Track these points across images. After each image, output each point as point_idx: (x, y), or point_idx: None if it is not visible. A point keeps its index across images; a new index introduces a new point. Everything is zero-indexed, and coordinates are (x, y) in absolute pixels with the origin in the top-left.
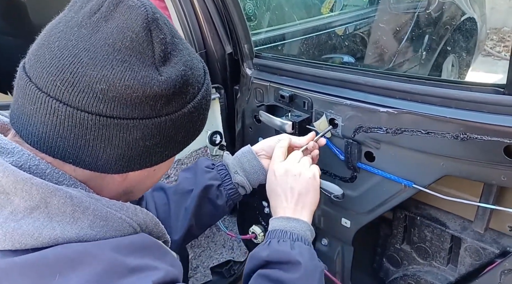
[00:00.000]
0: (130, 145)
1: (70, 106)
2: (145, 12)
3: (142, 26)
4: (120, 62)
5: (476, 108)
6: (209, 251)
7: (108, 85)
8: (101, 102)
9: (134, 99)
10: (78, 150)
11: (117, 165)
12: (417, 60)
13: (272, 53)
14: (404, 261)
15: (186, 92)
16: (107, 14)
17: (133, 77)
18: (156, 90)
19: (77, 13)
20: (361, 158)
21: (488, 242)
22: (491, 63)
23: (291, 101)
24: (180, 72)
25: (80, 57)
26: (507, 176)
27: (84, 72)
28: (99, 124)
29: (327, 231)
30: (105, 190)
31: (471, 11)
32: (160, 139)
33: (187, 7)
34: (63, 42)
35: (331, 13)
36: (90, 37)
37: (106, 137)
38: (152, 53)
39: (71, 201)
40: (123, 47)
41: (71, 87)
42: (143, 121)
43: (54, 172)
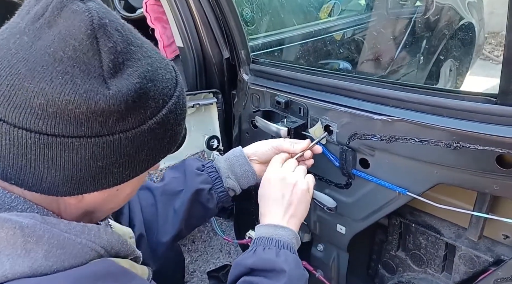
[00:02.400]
0: (79, 166)
1: (7, 122)
2: (90, 17)
3: (86, 34)
4: (61, 74)
5: (469, 117)
6: (206, 256)
7: (47, 100)
8: (40, 119)
9: (78, 115)
10: (19, 171)
11: (65, 187)
12: (415, 65)
13: (269, 58)
14: (399, 268)
15: (146, 106)
16: (50, 19)
17: (74, 91)
18: (103, 105)
19: (22, 18)
20: (356, 164)
21: (482, 250)
22: (489, 67)
23: (287, 107)
24: (133, 85)
25: (18, 68)
26: (499, 185)
27: (21, 85)
28: (40, 143)
29: (323, 237)
30: (64, 212)
31: (469, 16)
32: (116, 158)
33: (185, 12)
34: (3, 51)
35: (329, 18)
36: (31, 45)
37: (49, 157)
38: (99, 64)
39: (22, 232)
40: (65, 57)
41: (7, 102)
42: (92, 140)
43: (6, 196)
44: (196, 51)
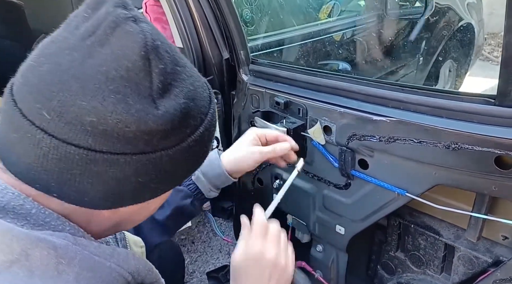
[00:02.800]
0: (121, 181)
1: (56, 138)
2: (144, 39)
3: (140, 55)
4: (113, 93)
5: (467, 118)
6: (205, 256)
7: (98, 118)
8: (89, 135)
9: (127, 134)
10: (63, 185)
11: (106, 202)
12: (414, 66)
13: (269, 59)
14: (399, 268)
15: (187, 125)
16: (102, 38)
17: (126, 110)
18: (152, 125)
19: (71, 33)
20: (355, 165)
21: (481, 251)
22: (489, 68)
23: (286, 108)
24: (180, 105)
25: (70, 84)
26: (498, 186)
27: (73, 102)
28: (87, 159)
29: (322, 238)
30: (94, 223)
31: (469, 17)
32: (156, 175)
33: (185, 13)
34: (52, 66)
35: (328, 19)
36: (82, 62)
37: (94, 173)
38: (150, 85)
39: (55, 252)
40: (117, 77)
41: (58, 118)
42: (136, 157)
43: (40, 212)
44: (196, 52)
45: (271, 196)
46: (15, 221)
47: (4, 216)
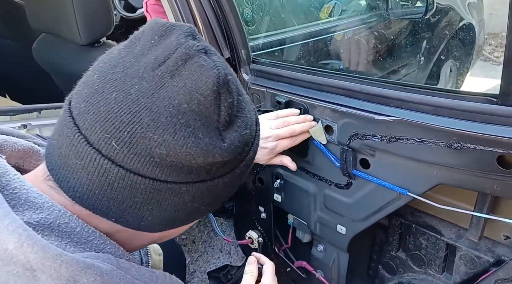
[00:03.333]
0: (178, 207)
1: (123, 168)
2: (217, 74)
3: (213, 90)
4: (184, 127)
5: (470, 117)
6: (206, 256)
7: (168, 151)
8: (157, 167)
9: (193, 165)
10: (123, 211)
11: (160, 226)
12: (415, 65)
13: (270, 58)
14: (400, 268)
15: (242, 153)
16: (173, 69)
17: (196, 144)
18: (218, 158)
19: (137, 60)
20: (356, 165)
21: (483, 251)
22: (489, 68)
23: (287, 107)
24: (242, 136)
25: (141, 116)
26: (500, 185)
27: (144, 134)
28: (151, 188)
29: (323, 237)
30: (135, 241)
31: (469, 17)
32: (209, 199)
33: (185, 12)
34: (121, 95)
35: (329, 18)
36: (153, 93)
37: (155, 200)
38: (218, 118)
39: (101, 279)
40: (189, 110)
41: (127, 149)
42: (196, 185)
43: (84, 230)
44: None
45: (272, 196)
46: (59, 240)
47: (49, 234)
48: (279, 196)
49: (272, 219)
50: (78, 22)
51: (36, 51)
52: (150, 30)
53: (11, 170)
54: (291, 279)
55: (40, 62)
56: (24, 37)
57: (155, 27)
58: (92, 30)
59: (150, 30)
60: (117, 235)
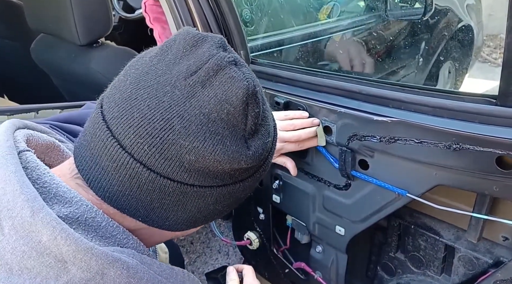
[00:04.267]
0: (201, 209)
1: (154, 172)
2: (247, 85)
3: (242, 100)
4: (213, 135)
5: (468, 118)
6: (204, 257)
7: (197, 157)
8: (186, 171)
9: (219, 171)
10: (150, 211)
11: (182, 225)
12: (414, 67)
13: (268, 59)
14: (398, 269)
15: (263, 159)
16: (205, 79)
17: (224, 151)
18: (243, 165)
19: (169, 68)
20: (355, 166)
21: (482, 252)
22: (488, 70)
23: (286, 108)
24: (265, 144)
25: (173, 123)
26: (499, 186)
27: (175, 141)
28: (178, 191)
29: (322, 238)
30: (155, 237)
31: (468, 18)
32: (229, 202)
33: (184, 12)
34: (154, 102)
35: (328, 19)
36: (185, 102)
37: (181, 202)
38: (244, 127)
39: (127, 272)
40: (218, 119)
41: (159, 154)
42: (219, 189)
43: (109, 225)
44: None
45: (271, 197)
46: (86, 233)
47: (77, 227)
48: (277, 197)
49: (271, 220)
50: (76, 22)
51: (34, 51)
52: (182, 39)
53: (41, 165)
54: (289, 281)
55: (38, 63)
56: (23, 37)
57: (187, 37)
58: (90, 31)
59: (183, 40)
60: (139, 232)
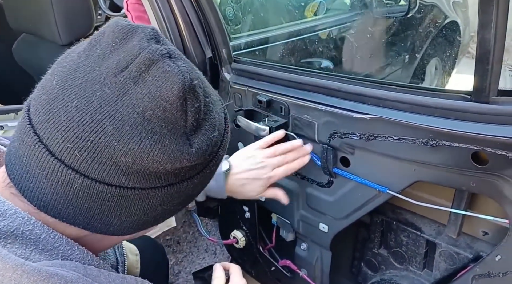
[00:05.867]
0: (147, 211)
1: (88, 177)
2: (183, 79)
3: (178, 96)
4: (150, 134)
5: (445, 115)
6: (191, 256)
7: (134, 159)
8: (124, 175)
9: (161, 171)
10: (90, 218)
11: (129, 229)
12: (400, 64)
13: (251, 58)
14: (382, 265)
15: (211, 154)
16: (136, 75)
17: (163, 151)
18: (186, 163)
19: (98, 64)
20: (336, 163)
21: (462, 247)
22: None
23: (268, 106)
24: (210, 139)
25: (104, 125)
26: (476, 182)
27: (108, 143)
28: (118, 195)
29: (306, 236)
30: (105, 242)
31: (454, 15)
32: (179, 201)
33: (166, 11)
34: (82, 102)
35: (314, 17)
36: (116, 101)
37: (123, 206)
38: (185, 123)
39: None
40: (154, 117)
41: (91, 158)
42: (164, 189)
43: (50, 237)
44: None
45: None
46: (24, 247)
47: (12, 242)
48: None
49: (256, 219)
50: (57, 22)
51: (16, 51)
52: (111, 32)
53: None
54: (275, 278)
55: (20, 63)
56: (4, 37)
57: (116, 29)
58: (71, 30)
59: (111, 33)
60: (84, 239)
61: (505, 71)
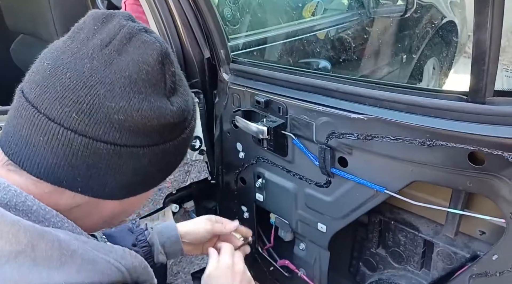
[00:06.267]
0: (137, 171)
1: (86, 136)
2: (160, 47)
3: (157, 60)
4: (137, 94)
5: (441, 115)
6: (190, 257)
7: (125, 116)
8: (117, 131)
9: (148, 128)
10: (88, 179)
11: (122, 191)
12: (397, 63)
13: (249, 58)
14: (380, 265)
15: (186, 119)
16: (120, 47)
17: (149, 108)
18: (170, 119)
19: (84, 44)
20: (334, 163)
21: (459, 247)
22: None
23: (266, 106)
24: (186, 102)
25: (97, 89)
26: (472, 181)
27: (102, 104)
28: (113, 153)
29: (304, 236)
30: (93, 216)
31: (451, 15)
32: (163, 164)
33: (164, 11)
34: (74, 74)
35: (312, 17)
36: (104, 69)
37: (117, 165)
38: (164, 85)
39: (59, 245)
40: (139, 80)
41: (88, 118)
42: (151, 148)
43: (41, 209)
44: (177, 51)
45: (254, 195)
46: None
47: (7, 211)
48: (261, 195)
49: (255, 218)
50: (55, 23)
51: (14, 52)
52: (91, 19)
53: None
54: (274, 278)
55: (18, 63)
56: (2, 38)
57: (96, 16)
58: (69, 30)
59: (92, 19)
60: (75, 213)
61: (501, 72)
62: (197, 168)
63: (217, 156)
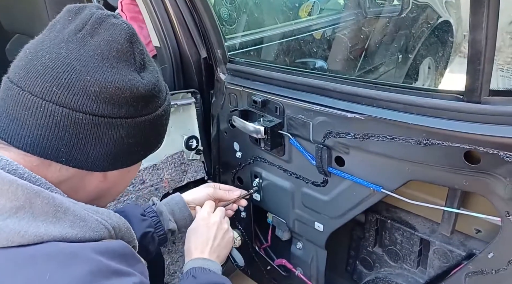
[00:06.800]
0: (116, 142)
1: (66, 107)
2: (127, 27)
3: (126, 39)
4: (110, 68)
5: (437, 114)
6: None
7: (100, 88)
8: (94, 102)
9: (122, 99)
10: (71, 148)
11: (104, 162)
12: (393, 63)
13: (246, 58)
14: (377, 263)
15: (159, 96)
16: (92, 31)
17: (122, 80)
18: (141, 91)
19: (60, 32)
20: (331, 162)
21: (455, 245)
22: None
23: (263, 106)
24: (155, 78)
25: (73, 65)
26: (468, 180)
27: (78, 78)
28: (92, 123)
29: (301, 235)
30: (80, 192)
31: (447, 15)
32: (139, 138)
33: (161, 11)
34: (53, 55)
35: (308, 17)
36: (79, 49)
37: (97, 135)
38: (134, 61)
39: (54, 202)
40: (111, 56)
41: (67, 91)
42: (127, 120)
43: (31, 176)
44: (173, 50)
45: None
46: None
47: None
48: (258, 194)
49: (252, 218)
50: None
51: (10, 52)
52: (65, 12)
53: None
54: (271, 277)
55: None
56: None
57: (69, 9)
58: None
59: (66, 12)
60: (61, 188)
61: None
62: (194, 168)
63: (214, 155)
